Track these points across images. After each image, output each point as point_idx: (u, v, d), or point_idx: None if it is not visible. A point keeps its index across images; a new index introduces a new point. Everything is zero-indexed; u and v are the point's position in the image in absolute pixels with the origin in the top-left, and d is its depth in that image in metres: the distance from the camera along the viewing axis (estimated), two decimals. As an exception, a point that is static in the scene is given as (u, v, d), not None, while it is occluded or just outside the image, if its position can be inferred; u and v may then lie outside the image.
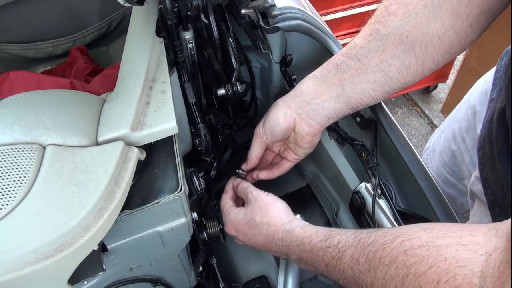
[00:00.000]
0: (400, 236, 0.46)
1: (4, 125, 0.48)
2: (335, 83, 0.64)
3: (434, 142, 1.07)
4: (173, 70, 0.63)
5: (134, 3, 0.59)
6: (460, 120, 0.92)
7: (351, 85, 0.63)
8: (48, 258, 0.40)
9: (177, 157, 0.57)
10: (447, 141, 0.97)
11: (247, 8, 0.68)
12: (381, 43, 0.60)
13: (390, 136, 0.67)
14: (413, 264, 0.42)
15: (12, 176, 0.43)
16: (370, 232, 0.50)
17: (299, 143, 0.71)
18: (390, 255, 0.45)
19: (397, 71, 0.61)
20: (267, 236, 0.64)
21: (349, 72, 0.62)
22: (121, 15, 0.88)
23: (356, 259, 0.49)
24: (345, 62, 0.63)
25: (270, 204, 0.66)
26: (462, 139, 0.91)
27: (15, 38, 0.82)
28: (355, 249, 0.50)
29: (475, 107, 0.85)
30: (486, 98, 0.79)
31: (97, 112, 0.53)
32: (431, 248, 0.42)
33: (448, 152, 0.96)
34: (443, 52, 0.58)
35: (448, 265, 0.40)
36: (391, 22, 0.58)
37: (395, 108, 2.37)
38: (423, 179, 0.63)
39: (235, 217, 0.69)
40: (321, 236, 0.56)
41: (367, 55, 0.61)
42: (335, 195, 0.84)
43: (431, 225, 0.46)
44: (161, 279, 0.66)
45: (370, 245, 0.48)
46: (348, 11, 1.84)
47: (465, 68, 1.95)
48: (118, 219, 0.48)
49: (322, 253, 0.55)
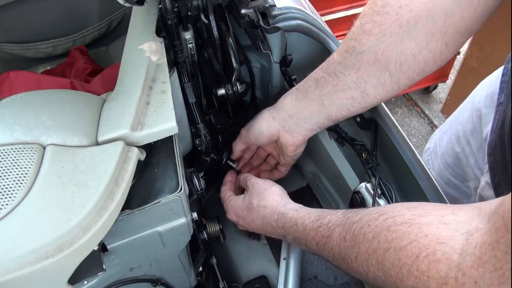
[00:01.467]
0: (384, 214, 0.48)
1: (4, 125, 0.48)
2: (315, 98, 0.66)
3: (435, 143, 1.07)
4: (173, 70, 0.63)
5: (134, 3, 0.59)
6: (464, 122, 0.92)
7: (330, 101, 0.65)
8: (48, 258, 0.40)
9: (177, 157, 0.57)
10: (450, 143, 0.97)
11: (247, 8, 0.68)
12: (357, 61, 0.60)
13: (390, 136, 0.67)
14: (395, 239, 0.44)
15: (12, 176, 0.43)
16: (357, 211, 0.52)
17: (283, 152, 0.76)
18: (374, 231, 0.47)
19: (373, 88, 0.62)
20: (264, 218, 0.68)
21: (327, 88, 0.64)
22: (121, 15, 0.88)
23: (343, 236, 0.52)
24: (324, 77, 0.64)
25: (267, 189, 0.71)
26: (467, 142, 0.91)
27: (15, 38, 0.82)
28: (343, 227, 0.52)
29: (481, 110, 0.85)
30: (492, 101, 0.79)
31: (97, 112, 0.53)
32: (413, 225, 0.43)
33: (452, 154, 0.96)
34: (417, 70, 0.59)
35: (429, 241, 0.41)
36: (365, 40, 0.58)
37: (395, 108, 2.37)
38: (423, 179, 0.63)
39: (235, 203, 0.74)
40: (313, 217, 0.59)
41: (344, 71, 0.62)
42: (335, 195, 0.84)
43: (415, 204, 0.47)
44: (161, 279, 0.66)
45: (356, 223, 0.50)
46: (348, 11, 1.85)
47: (465, 68, 1.96)
48: (118, 219, 0.48)
49: (313, 232, 0.57)
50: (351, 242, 0.50)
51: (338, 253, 0.53)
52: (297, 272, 0.78)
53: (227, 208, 0.76)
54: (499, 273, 0.34)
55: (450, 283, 0.38)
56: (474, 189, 0.90)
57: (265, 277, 0.82)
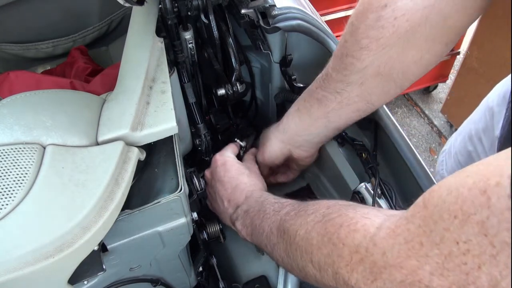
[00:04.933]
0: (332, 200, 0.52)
1: (4, 125, 0.48)
2: (320, 116, 0.66)
3: (450, 144, 1.07)
4: (173, 70, 0.63)
5: (134, 3, 0.59)
6: (476, 121, 0.92)
7: (336, 117, 0.65)
8: (48, 258, 0.40)
9: (177, 157, 0.57)
10: (463, 142, 0.97)
11: (247, 8, 0.68)
12: (359, 77, 0.59)
13: (390, 136, 0.67)
14: (328, 214, 0.47)
15: (12, 176, 0.43)
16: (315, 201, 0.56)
17: (298, 163, 0.78)
18: (315, 208, 0.51)
19: (377, 97, 0.62)
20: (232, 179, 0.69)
21: (331, 106, 0.64)
22: (121, 15, 0.88)
23: (288, 212, 0.55)
24: (326, 96, 0.64)
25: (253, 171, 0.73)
26: (479, 140, 0.91)
27: (15, 38, 0.82)
28: (293, 206, 0.55)
29: (493, 108, 0.85)
30: (505, 100, 0.80)
31: (97, 112, 0.53)
32: (349, 206, 0.47)
33: (464, 153, 0.96)
34: (420, 73, 0.60)
35: (354, 215, 0.44)
36: (365, 56, 0.57)
37: (395, 108, 2.37)
38: (423, 179, 0.63)
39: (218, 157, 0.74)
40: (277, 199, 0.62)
41: (346, 88, 0.61)
42: (335, 195, 0.84)
43: None
44: (161, 279, 0.66)
45: (305, 204, 0.54)
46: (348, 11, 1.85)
47: (465, 68, 1.96)
48: (118, 219, 0.48)
49: (269, 205, 0.60)
50: (293, 216, 0.53)
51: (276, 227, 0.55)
52: (297, 272, 0.77)
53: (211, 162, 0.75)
54: (408, 246, 0.35)
55: (360, 251, 0.40)
56: None
57: (265, 277, 0.82)
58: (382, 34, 0.55)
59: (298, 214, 0.53)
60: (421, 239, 0.34)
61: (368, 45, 0.56)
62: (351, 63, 0.58)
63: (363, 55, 0.57)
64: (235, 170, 0.71)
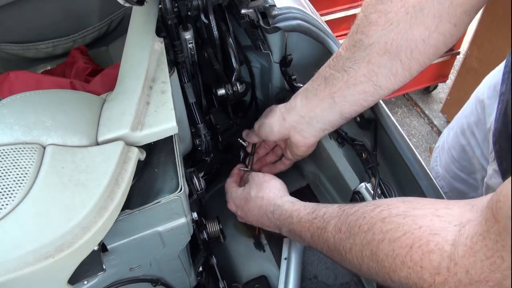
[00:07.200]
0: (380, 206, 0.49)
1: (4, 125, 0.48)
2: (326, 96, 0.65)
3: (443, 140, 1.07)
4: (173, 70, 0.63)
5: (134, 3, 0.59)
6: (468, 115, 0.92)
7: (341, 98, 0.64)
8: (48, 258, 0.40)
9: (177, 157, 0.57)
10: (456, 136, 0.97)
11: (247, 8, 0.68)
12: (366, 54, 0.60)
13: (390, 136, 0.67)
14: (389, 231, 0.45)
15: (12, 176, 0.43)
16: (354, 205, 0.53)
17: (293, 151, 0.76)
18: (369, 222, 0.48)
19: (385, 79, 0.61)
20: (260, 209, 0.70)
21: (337, 85, 0.63)
22: (121, 15, 0.88)
23: (338, 228, 0.53)
24: (333, 74, 0.63)
25: (266, 181, 0.72)
26: (472, 133, 0.91)
27: (15, 38, 0.82)
28: (339, 219, 0.53)
29: (484, 101, 0.85)
30: (495, 92, 0.80)
31: (97, 112, 0.53)
32: (408, 217, 0.44)
33: (458, 147, 0.97)
34: (429, 54, 0.59)
35: (422, 233, 0.42)
36: (373, 32, 0.58)
37: (395, 108, 2.37)
38: (423, 179, 0.63)
39: (235, 194, 0.77)
40: (309, 209, 0.60)
41: (353, 66, 0.61)
42: (335, 195, 0.84)
43: (411, 198, 0.48)
44: (161, 279, 0.66)
45: (352, 215, 0.51)
46: (348, 11, 1.85)
47: (465, 68, 1.96)
48: (118, 219, 0.48)
49: (308, 224, 0.59)
50: (346, 233, 0.51)
51: (332, 245, 0.53)
52: (298, 272, 0.78)
53: (228, 199, 0.78)
54: (490, 261, 0.36)
55: (443, 272, 0.39)
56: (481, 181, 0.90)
57: (265, 277, 0.82)
58: (390, 9, 0.56)
59: (350, 231, 0.50)
60: (501, 253, 0.35)
61: (376, 20, 0.57)
62: (360, 39, 0.59)
63: (371, 30, 0.58)
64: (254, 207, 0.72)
